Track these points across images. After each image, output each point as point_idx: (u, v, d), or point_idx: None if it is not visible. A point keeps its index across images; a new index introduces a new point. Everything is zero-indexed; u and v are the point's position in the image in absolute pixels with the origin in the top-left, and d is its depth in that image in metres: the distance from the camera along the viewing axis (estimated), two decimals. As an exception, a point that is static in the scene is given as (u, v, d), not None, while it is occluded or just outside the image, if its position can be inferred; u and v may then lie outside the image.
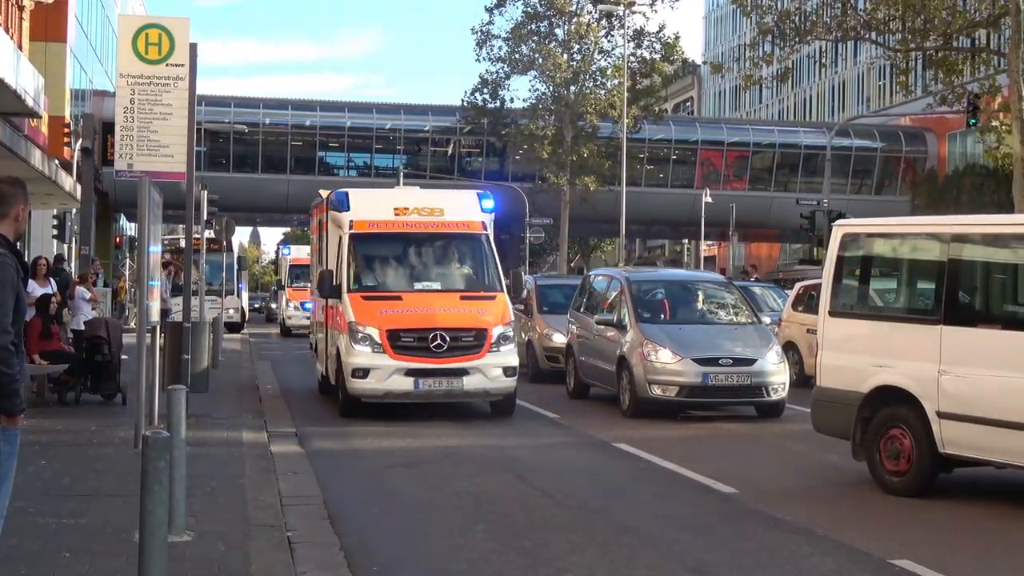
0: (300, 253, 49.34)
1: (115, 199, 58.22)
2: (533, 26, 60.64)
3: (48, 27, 44.30)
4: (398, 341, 18.08)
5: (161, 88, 15.42)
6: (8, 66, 20.85)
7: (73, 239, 39.88)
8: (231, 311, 45.40)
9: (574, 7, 60.38)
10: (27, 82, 23.04)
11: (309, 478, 12.82)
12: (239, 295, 49.39)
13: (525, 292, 25.37)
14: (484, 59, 62.24)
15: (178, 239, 45.26)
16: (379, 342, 18.06)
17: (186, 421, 9.80)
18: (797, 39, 37.74)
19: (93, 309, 20.94)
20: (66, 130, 40.40)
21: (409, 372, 18.11)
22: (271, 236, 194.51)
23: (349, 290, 18.90)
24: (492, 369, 18.31)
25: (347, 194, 20.36)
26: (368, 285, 19.30)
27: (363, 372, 18.09)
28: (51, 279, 20.61)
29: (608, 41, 61.21)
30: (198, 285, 26.18)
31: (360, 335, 18.14)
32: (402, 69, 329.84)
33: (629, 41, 59.12)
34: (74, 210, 40.34)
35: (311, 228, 25.89)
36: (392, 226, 19.90)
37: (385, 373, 18.03)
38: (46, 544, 8.79)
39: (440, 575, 8.95)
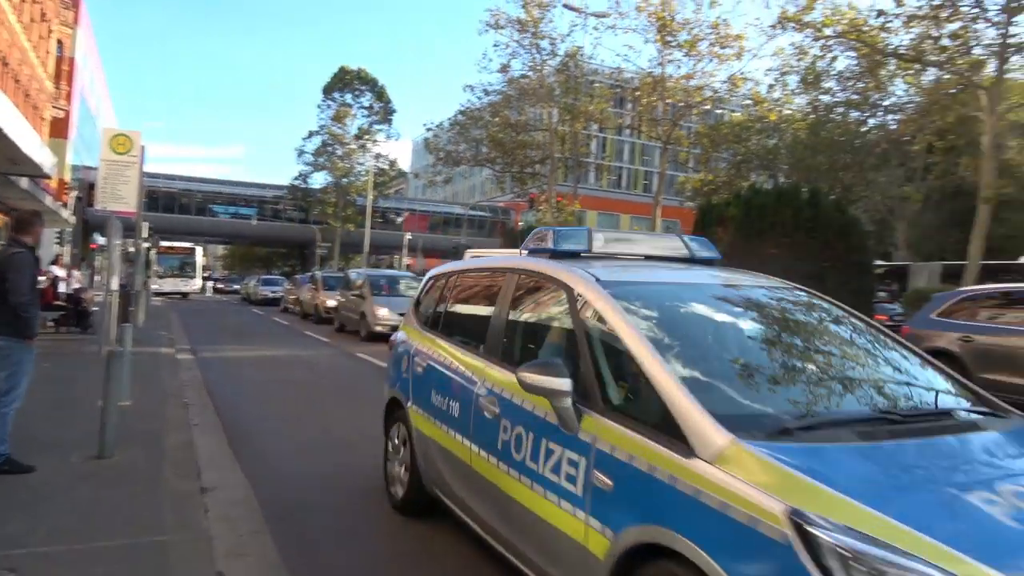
0: None
1: (92, 224, 52.45)
2: (326, 148, 58.94)
3: (59, 130, 39.89)
4: None
5: (124, 167, 14.01)
6: (37, 151, 18.65)
7: (67, 245, 36.11)
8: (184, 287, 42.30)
9: (347, 139, 59.12)
10: (46, 160, 20.62)
11: (197, 372, 12.11)
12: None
13: (309, 281, 29.50)
14: (300, 163, 60.13)
15: (128, 247, 41.24)
16: None
17: (130, 343, 9.17)
18: (454, 164, 38.51)
19: (77, 281, 18.83)
20: (66, 186, 36.06)
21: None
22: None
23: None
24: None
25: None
26: None
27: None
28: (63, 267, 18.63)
29: (363, 157, 60.30)
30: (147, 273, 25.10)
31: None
32: (260, 162, 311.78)
33: (373, 158, 58.61)
34: (68, 229, 36.19)
35: None
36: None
37: None
38: (45, 409, 8.03)
39: (266, 418, 8.75)
